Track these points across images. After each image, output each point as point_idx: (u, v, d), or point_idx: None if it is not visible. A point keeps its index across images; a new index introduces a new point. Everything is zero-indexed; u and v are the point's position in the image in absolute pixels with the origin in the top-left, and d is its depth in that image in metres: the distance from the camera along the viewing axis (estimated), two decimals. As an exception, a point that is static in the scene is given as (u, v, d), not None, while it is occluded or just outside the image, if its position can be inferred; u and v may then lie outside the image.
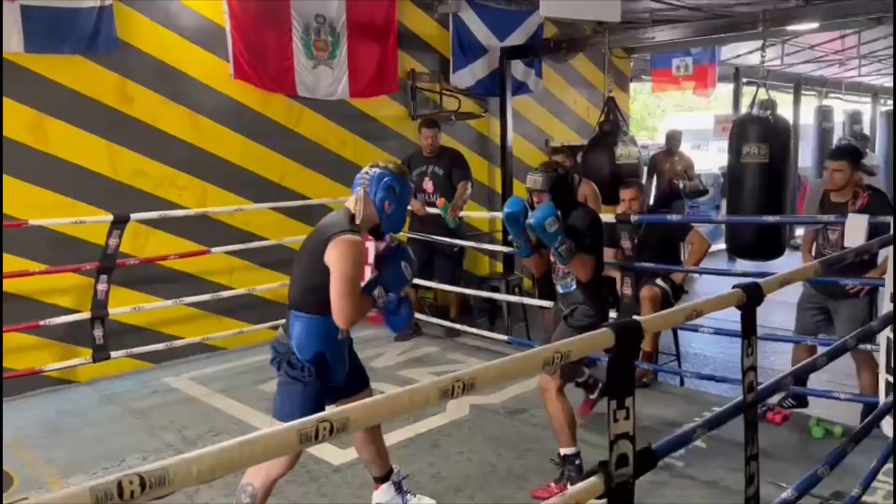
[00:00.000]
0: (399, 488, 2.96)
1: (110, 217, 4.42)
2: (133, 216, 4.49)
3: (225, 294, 5.13)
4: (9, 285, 4.41)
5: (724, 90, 11.62)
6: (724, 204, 8.62)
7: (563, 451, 3.14)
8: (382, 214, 2.65)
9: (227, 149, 5.47)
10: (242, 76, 5.48)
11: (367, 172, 2.68)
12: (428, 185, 5.58)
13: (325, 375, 2.60)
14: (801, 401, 4.23)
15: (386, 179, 2.64)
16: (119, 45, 4.84)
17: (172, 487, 0.97)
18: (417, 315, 5.70)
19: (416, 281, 5.61)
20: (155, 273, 5.02)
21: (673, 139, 8.64)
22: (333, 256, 2.48)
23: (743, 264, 6.01)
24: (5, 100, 4.47)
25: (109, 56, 4.83)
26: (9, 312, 4.38)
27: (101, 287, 4.44)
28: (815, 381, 4.22)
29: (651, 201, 8.24)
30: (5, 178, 4.47)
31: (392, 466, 2.96)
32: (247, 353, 5.22)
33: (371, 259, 2.78)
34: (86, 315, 4.43)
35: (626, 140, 6.40)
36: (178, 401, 4.36)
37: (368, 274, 2.74)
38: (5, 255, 4.43)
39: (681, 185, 8.32)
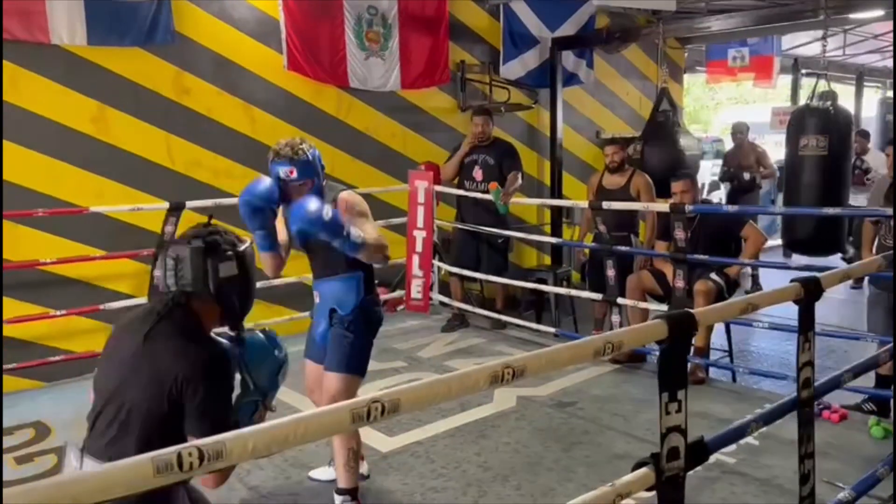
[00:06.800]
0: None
1: (166, 204, 4.54)
2: (188, 204, 4.60)
3: (276, 282, 5.20)
4: (70, 270, 4.58)
5: (783, 81, 11.29)
6: (780, 198, 8.38)
7: None
8: None
9: (279, 139, 5.54)
10: (295, 68, 5.55)
11: None
12: (478, 173, 5.53)
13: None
14: (883, 407, 3.99)
15: None
16: (176, 37, 4.95)
17: (229, 461, 1.00)
18: (464, 306, 5.72)
19: (463, 272, 5.62)
20: (209, 260, 5.12)
21: (737, 132, 8.25)
22: None
23: (801, 259, 5.85)
24: (70, 92, 4.62)
25: (167, 48, 4.95)
26: (70, 296, 4.55)
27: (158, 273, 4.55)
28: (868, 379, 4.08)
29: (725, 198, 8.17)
30: (68, 167, 4.63)
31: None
32: (297, 339, 5.27)
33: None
34: (143, 300, 4.55)
35: (684, 131, 6.29)
36: (229, 385, 4.46)
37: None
38: (67, 242, 4.60)
39: (746, 177, 7.99)
